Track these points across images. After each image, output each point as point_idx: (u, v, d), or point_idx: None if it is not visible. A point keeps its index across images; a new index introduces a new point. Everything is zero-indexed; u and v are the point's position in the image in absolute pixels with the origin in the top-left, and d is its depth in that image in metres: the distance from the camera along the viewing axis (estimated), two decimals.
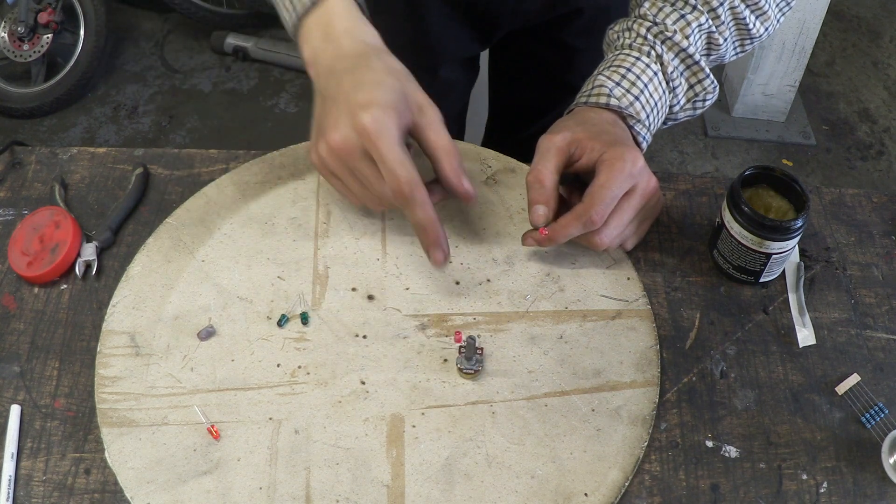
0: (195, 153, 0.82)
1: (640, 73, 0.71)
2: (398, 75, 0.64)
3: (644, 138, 0.71)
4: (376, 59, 0.64)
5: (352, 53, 0.65)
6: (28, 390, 0.64)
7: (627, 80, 0.70)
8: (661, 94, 0.72)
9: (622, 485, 0.59)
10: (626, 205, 0.66)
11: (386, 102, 0.60)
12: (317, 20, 0.67)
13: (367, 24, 0.68)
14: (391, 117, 0.60)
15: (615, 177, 0.64)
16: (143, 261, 0.71)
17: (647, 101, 0.70)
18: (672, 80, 0.72)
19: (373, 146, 0.60)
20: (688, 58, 0.71)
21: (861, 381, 0.67)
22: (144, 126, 2.25)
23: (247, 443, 0.60)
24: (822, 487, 0.61)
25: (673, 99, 0.73)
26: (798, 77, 2.14)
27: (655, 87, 0.71)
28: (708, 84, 0.73)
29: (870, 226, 0.78)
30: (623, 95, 0.70)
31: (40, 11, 2.21)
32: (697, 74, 0.72)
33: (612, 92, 0.70)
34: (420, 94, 0.64)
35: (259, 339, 0.66)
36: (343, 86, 0.62)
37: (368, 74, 0.63)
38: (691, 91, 0.74)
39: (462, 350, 0.64)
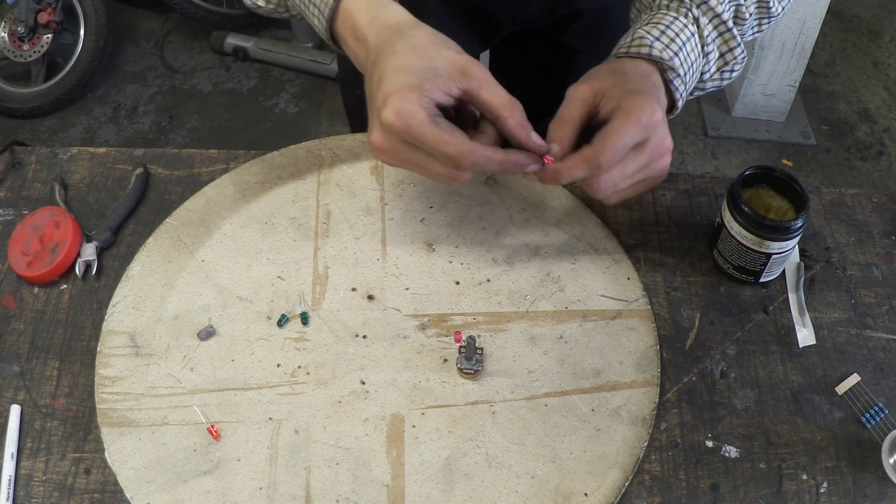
0: (195, 153, 0.82)
1: (680, 31, 0.69)
2: (424, 50, 0.62)
3: (681, 95, 0.69)
4: (400, 41, 0.62)
5: (376, 46, 0.63)
6: (28, 390, 0.64)
7: (667, 35, 0.68)
8: (697, 57, 0.70)
9: (622, 485, 0.59)
10: (634, 157, 0.63)
11: (404, 88, 0.59)
12: (343, 24, 0.66)
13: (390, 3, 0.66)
14: (412, 101, 0.58)
15: (630, 125, 0.61)
16: (143, 261, 0.71)
17: (685, 58, 0.68)
18: (706, 44, 0.70)
19: (407, 137, 0.59)
20: (721, 24, 0.70)
21: (861, 381, 0.67)
22: (144, 126, 2.25)
23: (247, 443, 0.60)
24: (822, 487, 0.61)
25: (705, 66, 0.71)
26: (798, 77, 2.14)
27: (693, 47, 0.69)
28: (738, 53, 0.71)
29: (870, 226, 0.78)
30: (664, 49, 0.67)
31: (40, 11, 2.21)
32: (729, 42, 0.71)
33: (653, 44, 0.67)
34: (461, 58, 0.62)
35: (259, 339, 0.66)
36: (372, 83, 0.61)
37: (390, 62, 0.61)
38: (721, 60, 0.72)
39: (462, 350, 0.64)
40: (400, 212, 0.75)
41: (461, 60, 0.62)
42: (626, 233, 0.76)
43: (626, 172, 0.63)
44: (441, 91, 0.60)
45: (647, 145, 0.63)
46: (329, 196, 0.76)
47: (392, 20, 0.65)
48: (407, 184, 0.77)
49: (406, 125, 0.58)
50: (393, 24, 0.64)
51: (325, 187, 0.76)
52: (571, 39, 1.00)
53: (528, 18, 0.95)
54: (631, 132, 0.61)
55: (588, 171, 0.62)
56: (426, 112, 0.59)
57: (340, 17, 0.66)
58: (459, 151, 0.59)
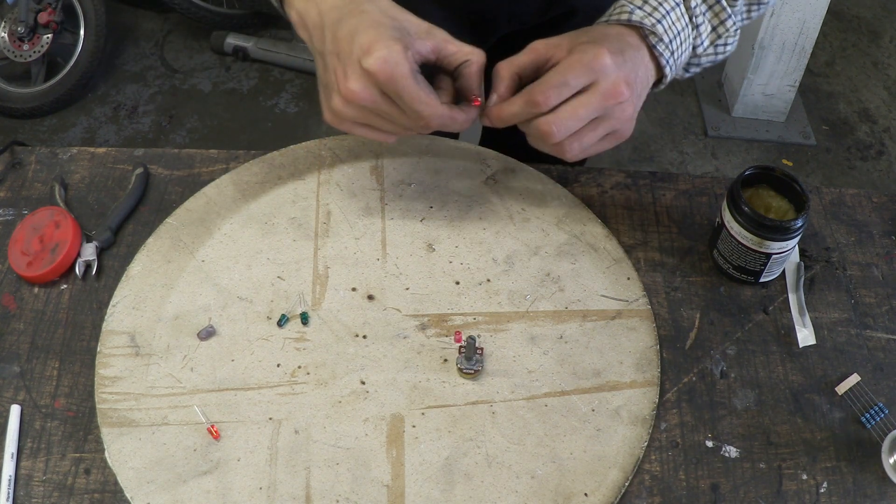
0: (195, 153, 0.82)
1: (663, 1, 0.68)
2: (392, 10, 0.63)
3: (667, 62, 0.68)
4: (365, 2, 0.63)
5: (338, 3, 0.63)
6: (28, 390, 0.64)
7: (649, 4, 0.68)
8: (684, 27, 0.69)
9: (622, 485, 0.59)
10: (583, 99, 0.62)
11: (388, 38, 0.60)
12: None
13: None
14: (397, 52, 0.59)
15: (570, 65, 0.62)
16: (143, 261, 0.71)
17: (669, 26, 0.68)
18: (695, 15, 0.69)
19: (388, 87, 0.59)
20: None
21: (861, 381, 0.67)
22: (144, 126, 2.24)
23: (247, 443, 0.60)
24: (822, 487, 0.61)
25: (697, 38, 0.70)
26: (798, 77, 2.14)
27: (678, 16, 0.68)
28: (730, 25, 0.70)
29: (870, 226, 0.78)
30: (646, 16, 0.67)
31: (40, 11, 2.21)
32: (720, 15, 0.70)
33: (633, 11, 0.67)
34: (423, 22, 0.64)
35: (259, 339, 0.66)
36: (339, 37, 0.61)
37: (362, 18, 0.62)
38: (714, 33, 0.71)
39: (462, 350, 0.64)
40: (400, 212, 0.75)
41: (424, 23, 0.64)
42: (626, 233, 0.76)
43: (577, 114, 0.62)
44: (414, 48, 0.62)
45: (597, 88, 0.62)
46: (329, 196, 0.76)
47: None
48: (407, 184, 0.77)
49: (391, 74, 0.59)
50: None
51: (325, 187, 0.76)
52: None
53: (523, 18, 0.96)
54: (571, 71, 0.61)
55: (524, 105, 0.63)
56: (409, 65, 0.60)
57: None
58: (432, 112, 0.61)
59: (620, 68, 0.63)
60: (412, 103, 0.60)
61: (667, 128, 2.25)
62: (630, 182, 0.80)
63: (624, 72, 0.63)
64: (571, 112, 0.62)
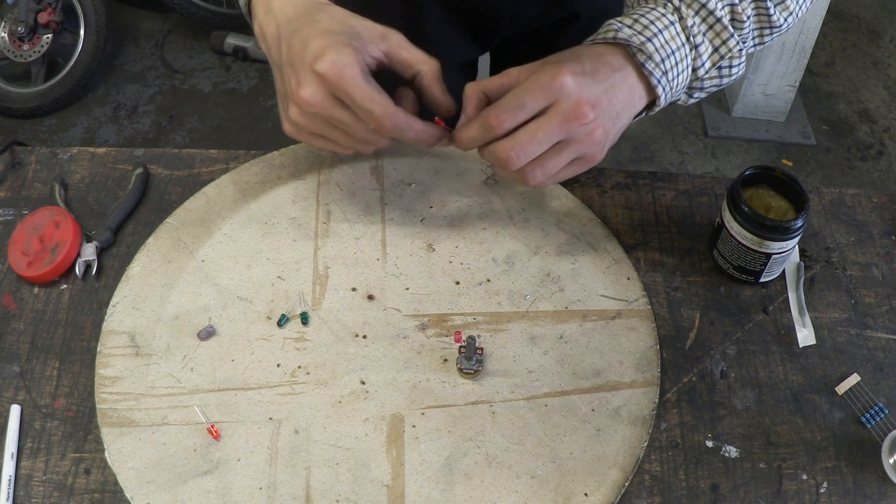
0: (195, 153, 0.82)
1: (655, 20, 0.64)
2: (345, 18, 0.63)
3: (659, 81, 0.64)
4: (319, 12, 0.63)
5: (293, 16, 0.63)
6: (28, 390, 0.64)
7: (640, 23, 0.64)
8: (680, 46, 0.65)
9: (622, 485, 0.59)
10: (541, 121, 0.59)
11: (337, 43, 0.59)
12: None
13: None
14: (348, 55, 0.59)
15: (527, 86, 0.59)
16: (143, 261, 0.71)
17: (661, 45, 0.64)
18: (693, 35, 0.65)
19: (339, 89, 0.59)
20: (709, 15, 0.66)
21: (861, 381, 0.67)
22: (144, 126, 2.25)
23: (247, 443, 0.60)
24: (822, 487, 0.61)
25: (696, 60, 0.66)
26: (798, 77, 2.14)
27: (672, 35, 0.64)
28: (733, 44, 0.66)
29: (870, 226, 0.78)
30: (634, 35, 0.63)
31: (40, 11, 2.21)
32: (721, 35, 0.66)
33: (620, 29, 0.64)
34: (378, 26, 0.63)
35: (259, 339, 0.66)
36: (293, 47, 0.61)
37: (315, 27, 0.61)
38: (716, 54, 0.67)
39: (462, 350, 0.64)
40: (400, 212, 0.75)
41: (380, 27, 0.63)
42: (626, 233, 0.76)
43: (536, 138, 0.59)
44: (367, 52, 0.61)
45: (557, 109, 0.59)
46: (329, 196, 0.76)
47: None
48: (407, 184, 0.77)
49: (340, 76, 0.58)
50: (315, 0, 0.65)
51: (325, 187, 0.76)
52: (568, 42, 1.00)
53: (525, 21, 0.95)
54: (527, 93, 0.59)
55: (480, 128, 0.60)
56: (360, 66, 0.59)
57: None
58: (384, 112, 0.59)
59: (585, 89, 0.60)
60: (362, 102, 0.59)
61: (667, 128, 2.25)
62: (630, 182, 0.80)
63: (590, 92, 0.60)
64: (530, 136, 0.59)
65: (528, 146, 0.59)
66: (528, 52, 1.04)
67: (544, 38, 1.00)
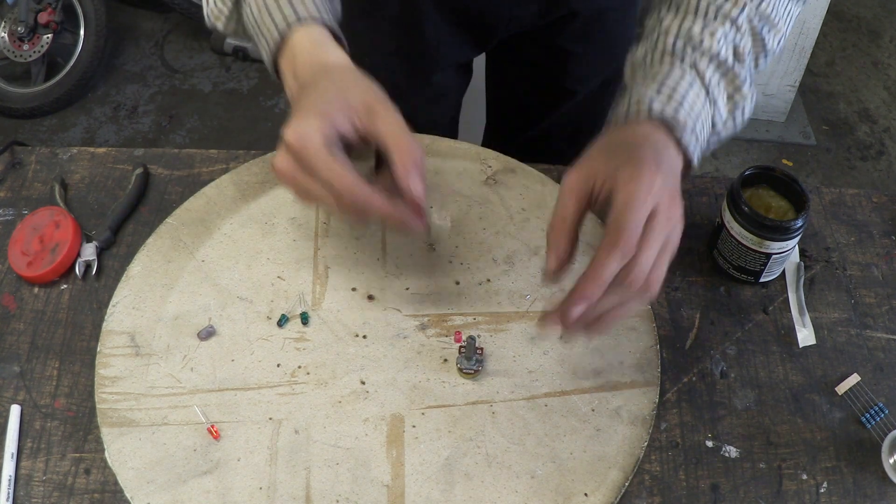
0: (195, 153, 0.82)
1: (678, 82, 0.64)
2: (343, 83, 0.61)
3: (694, 150, 0.63)
4: (324, 79, 0.62)
5: (305, 82, 0.63)
6: (28, 390, 0.64)
7: (666, 88, 0.63)
8: (703, 105, 0.64)
9: (622, 485, 0.59)
10: (649, 229, 0.55)
11: (309, 112, 0.58)
12: (285, 60, 0.66)
13: (333, 45, 0.66)
14: (312, 124, 0.57)
15: (634, 196, 0.55)
16: (143, 261, 0.71)
17: (689, 109, 0.63)
18: (711, 90, 0.65)
19: (301, 159, 0.57)
20: (721, 64, 0.66)
21: (861, 381, 0.67)
22: (144, 126, 2.25)
23: (247, 443, 0.60)
24: (822, 487, 0.61)
25: (716, 114, 0.66)
26: (798, 77, 2.14)
27: (696, 95, 0.64)
28: (746, 90, 0.66)
29: (870, 226, 0.78)
30: (665, 104, 0.62)
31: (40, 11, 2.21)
32: (734, 82, 0.66)
33: (652, 102, 0.62)
34: (370, 96, 0.60)
35: (259, 339, 0.66)
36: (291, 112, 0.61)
37: (311, 94, 0.61)
38: (731, 102, 0.67)
39: (462, 350, 0.64)
40: None
41: (374, 97, 0.60)
42: None
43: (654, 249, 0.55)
44: (347, 123, 0.59)
45: (659, 213, 0.56)
46: None
47: (328, 61, 0.64)
48: None
49: (302, 146, 0.57)
50: (327, 63, 0.64)
51: None
52: (566, 41, 1.00)
53: (523, 22, 0.95)
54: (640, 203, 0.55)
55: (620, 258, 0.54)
56: (323, 136, 0.57)
57: (285, 54, 0.66)
58: (342, 184, 0.56)
59: (667, 185, 0.57)
60: (322, 174, 0.56)
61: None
62: None
63: (671, 186, 0.57)
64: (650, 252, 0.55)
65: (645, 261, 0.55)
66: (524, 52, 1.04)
67: (541, 37, 1.00)
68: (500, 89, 1.18)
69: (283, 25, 0.65)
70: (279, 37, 0.65)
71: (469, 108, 1.20)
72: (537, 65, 1.05)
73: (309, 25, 0.66)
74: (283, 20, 0.66)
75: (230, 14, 0.72)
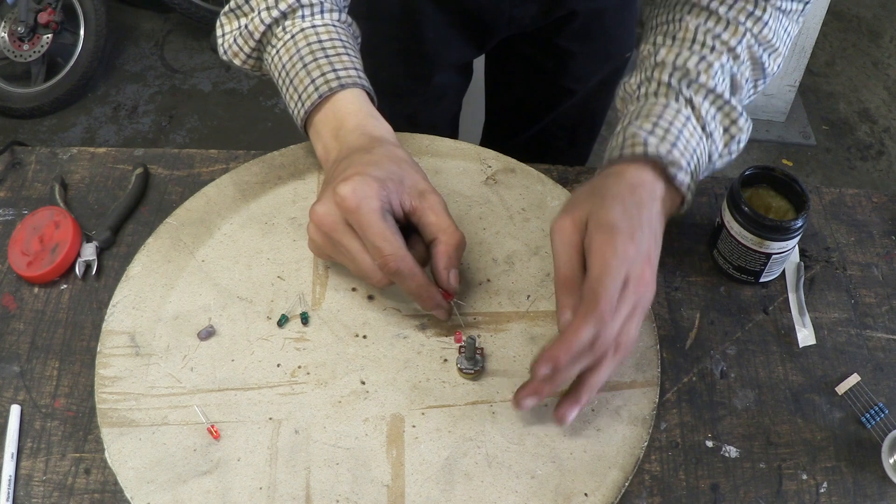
0: (195, 153, 0.82)
1: (673, 119, 0.65)
2: (398, 161, 0.63)
3: (688, 188, 0.64)
4: (379, 148, 0.64)
5: (356, 147, 0.65)
6: (28, 390, 0.64)
7: (661, 126, 0.64)
8: (699, 141, 0.65)
9: (622, 485, 0.59)
10: (622, 298, 0.56)
11: (370, 175, 0.59)
12: (325, 117, 0.68)
13: (380, 117, 0.69)
14: (372, 188, 0.59)
15: (608, 267, 0.56)
16: (143, 261, 0.71)
17: (685, 146, 0.64)
18: (707, 124, 0.66)
19: (353, 218, 0.59)
20: (717, 98, 0.66)
21: (861, 381, 0.67)
22: (144, 126, 2.25)
23: (247, 443, 0.60)
24: (822, 487, 0.61)
25: (712, 146, 0.66)
26: (798, 77, 2.14)
27: (691, 132, 0.65)
28: (742, 123, 0.67)
29: (870, 226, 0.78)
30: (660, 142, 0.63)
31: (40, 11, 2.21)
32: (730, 115, 0.67)
33: (647, 140, 0.63)
34: (423, 182, 0.63)
35: (259, 339, 0.66)
36: (337, 170, 0.62)
37: (364, 157, 0.62)
38: (727, 134, 0.68)
39: (462, 350, 0.64)
40: None
41: (424, 185, 0.63)
42: None
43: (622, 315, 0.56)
44: (396, 197, 0.61)
45: (630, 281, 0.57)
46: None
47: (378, 133, 0.67)
48: None
49: (357, 206, 0.58)
50: (378, 136, 0.66)
51: None
52: (565, 41, 1.00)
53: (523, 23, 0.95)
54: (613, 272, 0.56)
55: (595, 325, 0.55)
56: (380, 203, 0.59)
57: (324, 111, 0.68)
58: (393, 252, 0.59)
59: (641, 247, 0.58)
60: (374, 237, 0.58)
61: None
62: None
63: (645, 248, 0.58)
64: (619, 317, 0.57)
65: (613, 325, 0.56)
66: (523, 52, 1.04)
67: (541, 37, 1.00)
68: (499, 88, 1.18)
69: (325, 89, 0.67)
70: (318, 97, 0.67)
71: (468, 107, 1.21)
72: (536, 64, 1.05)
73: (350, 89, 0.68)
74: (325, 83, 0.68)
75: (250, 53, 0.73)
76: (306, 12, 0.70)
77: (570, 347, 0.55)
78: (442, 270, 0.62)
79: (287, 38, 0.70)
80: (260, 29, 0.70)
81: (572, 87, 1.07)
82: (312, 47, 0.69)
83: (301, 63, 0.69)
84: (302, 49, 0.69)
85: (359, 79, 0.69)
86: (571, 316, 0.57)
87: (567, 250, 0.59)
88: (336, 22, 0.72)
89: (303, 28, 0.70)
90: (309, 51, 0.69)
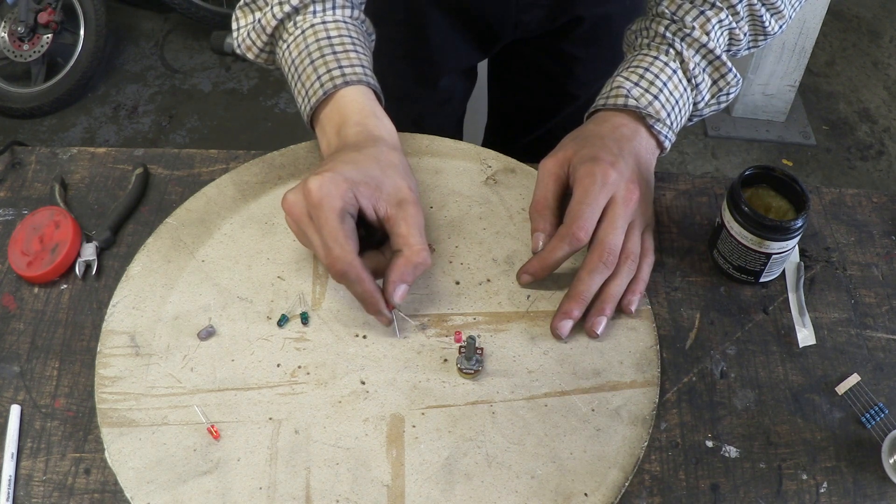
0: (195, 153, 0.82)
1: (659, 72, 0.70)
2: (385, 165, 0.63)
3: (666, 136, 0.71)
4: (372, 148, 0.64)
5: (351, 143, 0.65)
6: (28, 390, 0.64)
7: (646, 79, 0.70)
8: (683, 92, 0.71)
9: (622, 485, 0.59)
10: (612, 214, 0.65)
11: (342, 174, 0.60)
12: (329, 113, 0.68)
13: (383, 117, 0.69)
14: (339, 188, 0.59)
15: (588, 191, 0.64)
16: (143, 261, 0.71)
17: (666, 99, 0.70)
18: (694, 76, 0.71)
19: (314, 213, 0.60)
20: (709, 53, 0.71)
21: (861, 381, 0.67)
22: (144, 126, 2.25)
23: (247, 443, 0.60)
24: (822, 487, 0.61)
25: (697, 96, 0.73)
26: (798, 77, 2.14)
27: (675, 84, 0.71)
28: (731, 78, 0.73)
29: (870, 226, 0.78)
30: (642, 95, 0.69)
31: (40, 11, 2.21)
32: (720, 69, 0.72)
33: (630, 92, 0.70)
34: (405, 192, 0.63)
35: (259, 339, 0.66)
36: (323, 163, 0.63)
37: (349, 155, 0.63)
38: (715, 87, 0.73)
39: (462, 350, 0.64)
40: None
41: (407, 193, 0.63)
42: None
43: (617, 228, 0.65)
44: (369, 202, 0.61)
45: (617, 200, 0.65)
46: None
47: (378, 132, 0.67)
48: None
49: (319, 202, 0.59)
50: (377, 135, 0.66)
51: None
52: (571, 47, 1.00)
53: (529, 27, 0.95)
54: (592, 198, 0.64)
55: (569, 246, 0.65)
56: (342, 202, 0.59)
57: (330, 106, 0.68)
58: (339, 256, 0.59)
59: (625, 172, 0.66)
60: (326, 236, 0.59)
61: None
62: None
63: (629, 172, 0.66)
64: (612, 229, 0.65)
65: (615, 238, 0.65)
66: (529, 57, 1.04)
67: (547, 42, 1.00)
68: (503, 92, 1.18)
69: (330, 86, 0.68)
70: (323, 94, 0.67)
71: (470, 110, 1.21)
72: (542, 69, 1.05)
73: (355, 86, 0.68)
74: (331, 80, 0.68)
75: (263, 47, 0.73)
76: (318, 8, 0.70)
77: (545, 262, 0.66)
78: (389, 283, 0.63)
79: (297, 34, 0.70)
80: (272, 23, 0.70)
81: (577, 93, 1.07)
82: (321, 43, 0.69)
83: (309, 59, 0.69)
84: (311, 45, 0.69)
85: (365, 76, 0.69)
86: (544, 238, 0.66)
87: (545, 179, 0.68)
88: (348, 18, 0.72)
89: (313, 24, 0.70)
90: (317, 47, 0.69)
